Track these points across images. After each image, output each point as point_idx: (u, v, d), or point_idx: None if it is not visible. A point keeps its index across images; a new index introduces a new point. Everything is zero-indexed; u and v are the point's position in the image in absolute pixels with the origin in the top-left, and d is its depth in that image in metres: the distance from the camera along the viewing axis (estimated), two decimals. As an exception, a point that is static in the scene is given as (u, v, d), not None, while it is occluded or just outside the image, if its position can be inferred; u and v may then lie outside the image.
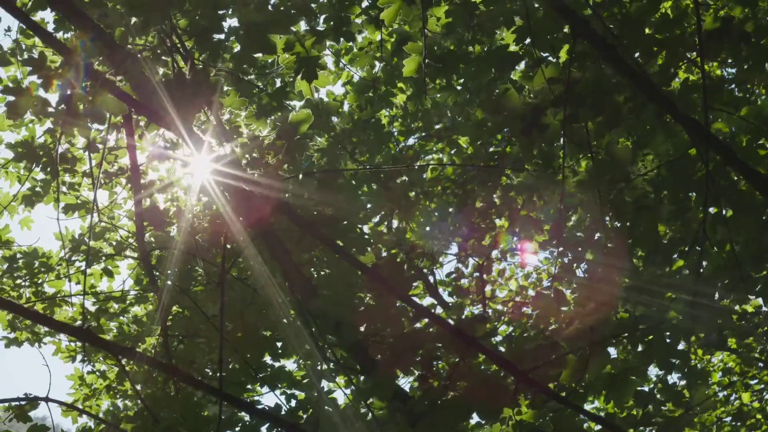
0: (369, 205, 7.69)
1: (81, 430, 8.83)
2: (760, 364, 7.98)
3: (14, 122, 7.59)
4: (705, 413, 6.97)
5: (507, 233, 7.32)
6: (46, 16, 7.99)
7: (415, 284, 7.66)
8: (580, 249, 6.90)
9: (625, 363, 6.42)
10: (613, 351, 6.60)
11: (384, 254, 7.33)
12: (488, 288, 7.80)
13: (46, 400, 7.57)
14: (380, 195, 7.39)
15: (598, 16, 6.02)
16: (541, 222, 7.15)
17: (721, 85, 6.27)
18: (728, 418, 7.80)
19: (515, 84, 6.58)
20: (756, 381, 8.07)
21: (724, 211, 6.23)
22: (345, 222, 7.15)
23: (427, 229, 7.54)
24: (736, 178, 6.25)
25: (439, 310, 8.05)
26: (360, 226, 7.31)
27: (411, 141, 8.05)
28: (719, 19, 5.89)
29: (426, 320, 6.79)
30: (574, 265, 7.22)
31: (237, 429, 7.34)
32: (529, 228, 7.22)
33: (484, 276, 7.79)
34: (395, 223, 7.58)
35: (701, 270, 6.19)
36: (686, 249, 6.38)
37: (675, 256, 6.51)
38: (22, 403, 7.65)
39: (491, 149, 6.99)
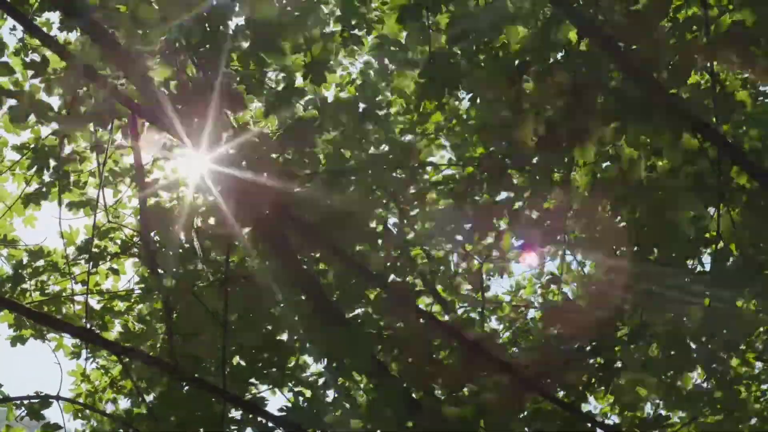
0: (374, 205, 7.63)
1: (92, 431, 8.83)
2: (759, 364, 7.92)
3: (19, 124, 7.57)
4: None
5: (510, 235, 7.25)
6: (53, 17, 8.03)
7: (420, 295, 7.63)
8: (585, 251, 6.86)
9: (635, 368, 6.37)
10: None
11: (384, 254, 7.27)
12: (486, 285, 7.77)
13: (57, 398, 7.62)
14: (384, 194, 7.33)
15: (606, 19, 5.95)
16: (545, 223, 7.06)
17: (732, 89, 6.21)
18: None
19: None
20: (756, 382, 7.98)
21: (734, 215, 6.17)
22: (351, 221, 7.10)
23: (430, 228, 7.48)
24: (746, 180, 6.17)
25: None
26: (366, 225, 7.25)
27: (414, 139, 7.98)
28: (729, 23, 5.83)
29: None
30: (579, 266, 7.20)
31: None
32: (531, 229, 7.14)
33: (484, 276, 7.76)
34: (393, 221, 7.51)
35: (715, 273, 6.13)
36: (696, 247, 6.31)
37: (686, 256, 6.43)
38: (34, 401, 7.71)
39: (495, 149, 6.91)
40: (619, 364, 6.25)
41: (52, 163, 7.94)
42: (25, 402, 7.56)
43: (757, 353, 7.76)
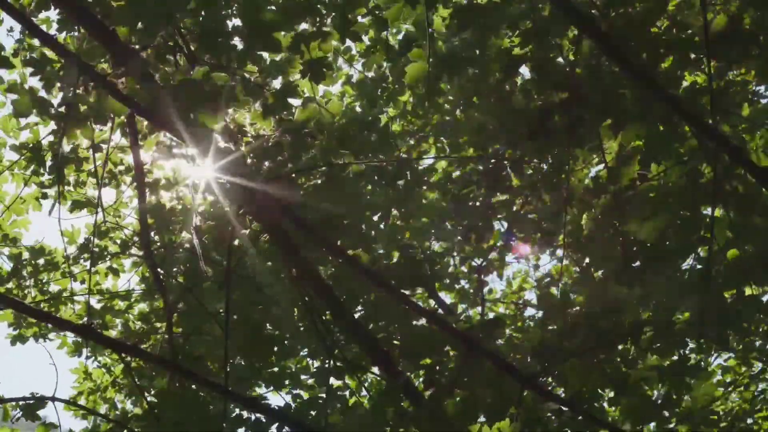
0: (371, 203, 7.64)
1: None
2: (758, 364, 7.92)
3: (18, 124, 7.59)
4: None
5: (501, 233, 7.27)
6: (51, 15, 8.04)
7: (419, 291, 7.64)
8: (582, 252, 6.86)
9: (633, 367, 6.37)
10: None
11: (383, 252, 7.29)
12: (486, 289, 7.80)
13: (53, 399, 7.61)
14: (383, 193, 7.33)
15: (604, 16, 5.96)
16: (541, 222, 7.07)
17: (727, 89, 6.21)
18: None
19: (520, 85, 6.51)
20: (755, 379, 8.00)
21: (731, 214, 6.16)
22: (348, 221, 7.11)
23: (426, 228, 7.49)
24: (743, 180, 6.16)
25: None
26: (363, 225, 7.26)
27: (412, 141, 8.00)
28: (728, 20, 5.83)
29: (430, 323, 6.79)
30: (576, 266, 7.19)
31: (243, 429, 7.31)
32: (527, 228, 7.15)
33: (483, 277, 7.77)
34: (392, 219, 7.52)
35: (709, 274, 6.12)
36: (692, 248, 6.30)
37: (680, 258, 6.42)
38: (30, 402, 7.71)
39: (491, 150, 6.92)
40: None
41: (50, 162, 7.93)
42: (21, 403, 7.53)
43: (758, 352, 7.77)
